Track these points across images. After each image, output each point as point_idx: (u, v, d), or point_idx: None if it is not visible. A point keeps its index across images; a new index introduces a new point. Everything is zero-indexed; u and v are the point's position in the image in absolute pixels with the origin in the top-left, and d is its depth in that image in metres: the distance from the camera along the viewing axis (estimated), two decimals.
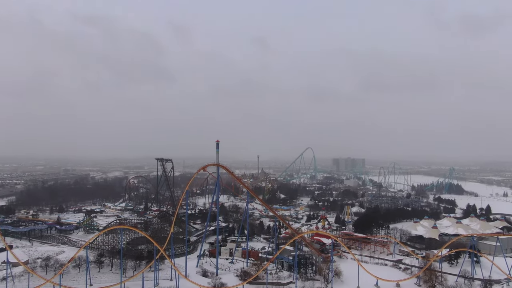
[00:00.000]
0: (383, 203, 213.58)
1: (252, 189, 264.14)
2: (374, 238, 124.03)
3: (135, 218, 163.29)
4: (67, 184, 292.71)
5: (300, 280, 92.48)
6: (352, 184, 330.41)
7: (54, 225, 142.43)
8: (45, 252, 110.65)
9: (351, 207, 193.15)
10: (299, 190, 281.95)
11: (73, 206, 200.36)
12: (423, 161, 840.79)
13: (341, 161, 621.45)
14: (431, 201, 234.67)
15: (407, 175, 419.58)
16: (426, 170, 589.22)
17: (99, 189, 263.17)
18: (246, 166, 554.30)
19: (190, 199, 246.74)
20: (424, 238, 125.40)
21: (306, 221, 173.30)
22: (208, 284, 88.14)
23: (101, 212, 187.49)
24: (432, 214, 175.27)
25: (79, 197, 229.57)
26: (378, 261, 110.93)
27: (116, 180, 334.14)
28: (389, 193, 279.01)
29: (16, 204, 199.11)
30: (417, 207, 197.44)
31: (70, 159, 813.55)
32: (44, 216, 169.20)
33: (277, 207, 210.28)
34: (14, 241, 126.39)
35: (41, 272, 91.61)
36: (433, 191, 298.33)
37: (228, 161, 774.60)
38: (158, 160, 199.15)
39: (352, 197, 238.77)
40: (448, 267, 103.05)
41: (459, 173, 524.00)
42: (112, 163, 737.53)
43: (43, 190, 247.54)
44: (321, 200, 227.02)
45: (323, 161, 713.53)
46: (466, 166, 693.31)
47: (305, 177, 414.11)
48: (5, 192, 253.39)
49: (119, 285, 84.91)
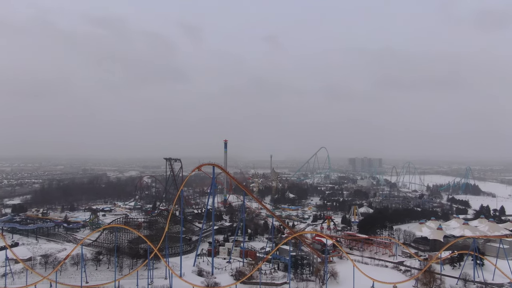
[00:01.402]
0: (394, 204, 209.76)
1: (261, 189, 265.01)
2: (376, 239, 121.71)
3: (142, 217, 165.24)
4: (81, 183, 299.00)
5: (295, 281, 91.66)
6: (365, 184, 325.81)
7: (62, 223, 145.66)
8: (49, 250, 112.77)
9: (360, 207, 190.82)
10: (310, 190, 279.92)
11: (84, 205, 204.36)
12: (443, 160, 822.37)
13: (357, 161, 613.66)
14: (444, 201, 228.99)
15: (424, 175, 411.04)
16: (445, 170, 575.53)
17: (112, 188, 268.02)
18: (262, 166, 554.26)
19: (201, 198, 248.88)
20: (429, 240, 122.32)
21: (312, 221, 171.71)
22: (201, 283, 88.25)
23: (110, 211, 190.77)
24: (443, 215, 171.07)
25: (91, 196, 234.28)
26: (379, 263, 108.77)
27: (130, 179, 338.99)
28: (402, 193, 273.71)
29: (30, 202, 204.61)
30: (428, 207, 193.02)
31: (90, 159, 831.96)
32: (55, 214, 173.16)
33: (285, 207, 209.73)
34: (21, 239, 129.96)
35: (40, 269, 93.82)
36: (448, 191, 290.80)
37: (244, 161, 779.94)
38: (166, 160, 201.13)
39: (363, 197, 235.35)
40: (450, 270, 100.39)
41: (479, 173, 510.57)
42: (131, 162, 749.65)
43: (57, 189, 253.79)
44: (330, 200, 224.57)
45: (339, 160, 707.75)
46: (488, 165, 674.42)
47: (319, 177, 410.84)
48: (23, 191, 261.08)
49: (113, 283, 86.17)
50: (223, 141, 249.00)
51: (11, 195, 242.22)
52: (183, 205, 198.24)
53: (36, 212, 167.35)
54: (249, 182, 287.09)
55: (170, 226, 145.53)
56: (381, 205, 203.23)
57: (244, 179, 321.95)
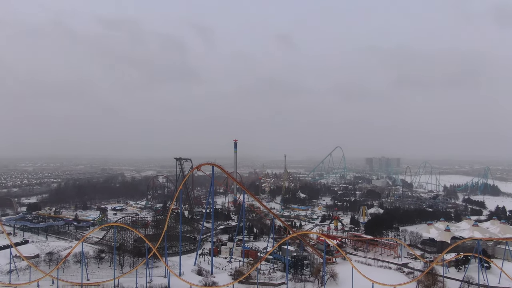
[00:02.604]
0: (406, 204, 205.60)
1: (273, 189, 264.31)
2: (381, 240, 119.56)
3: (150, 216, 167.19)
4: (97, 183, 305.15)
5: (293, 281, 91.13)
6: (380, 184, 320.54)
7: (72, 221, 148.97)
8: (56, 247, 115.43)
9: (370, 207, 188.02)
10: (323, 190, 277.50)
11: (98, 204, 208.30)
12: (465, 160, 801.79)
13: (374, 161, 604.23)
14: (459, 202, 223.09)
15: (443, 175, 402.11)
16: (466, 170, 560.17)
17: (126, 188, 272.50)
18: (278, 166, 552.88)
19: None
20: (436, 242, 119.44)
21: (321, 222, 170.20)
22: (199, 282, 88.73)
23: (122, 210, 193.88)
24: (455, 216, 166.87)
25: (105, 195, 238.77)
26: (382, 264, 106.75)
27: (145, 179, 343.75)
28: (417, 193, 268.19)
29: (46, 201, 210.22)
30: (441, 208, 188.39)
31: (110, 159, 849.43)
32: (67, 213, 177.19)
33: (294, 207, 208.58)
34: (32, 236, 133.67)
35: (44, 266, 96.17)
36: (466, 191, 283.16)
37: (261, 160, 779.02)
38: (176, 160, 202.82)
39: (375, 198, 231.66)
40: (456, 272, 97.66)
41: (502, 173, 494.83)
42: (149, 162, 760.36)
43: (73, 188, 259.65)
44: (342, 201, 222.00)
45: (356, 160, 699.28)
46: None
47: (334, 177, 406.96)
48: (40, 190, 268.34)
49: (112, 280, 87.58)
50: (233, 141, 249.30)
51: (28, 194, 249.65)
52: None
53: (49, 211, 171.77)
54: (261, 182, 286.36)
55: (177, 225, 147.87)
56: (393, 206, 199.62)
57: (256, 179, 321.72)
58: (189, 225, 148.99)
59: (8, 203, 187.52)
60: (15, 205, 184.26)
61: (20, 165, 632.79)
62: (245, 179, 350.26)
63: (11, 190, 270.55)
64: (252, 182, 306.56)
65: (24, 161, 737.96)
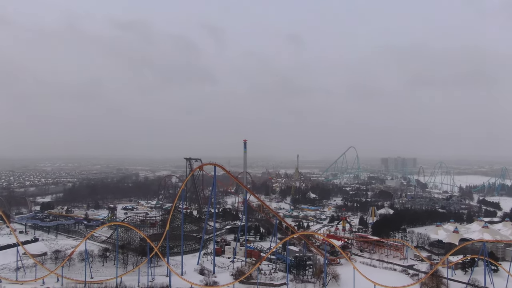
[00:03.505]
0: (419, 205, 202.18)
1: (283, 189, 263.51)
2: (387, 241, 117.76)
3: (159, 215, 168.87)
4: (111, 183, 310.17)
5: (294, 282, 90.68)
6: (394, 185, 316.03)
7: (82, 220, 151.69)
8: (64, 246, 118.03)
9: (380, 208, 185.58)
10: (335, 190, 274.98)
11: (110, 203, 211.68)
12: (485, 160, 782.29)
13: (390, 161, 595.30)
14: (474, 203, 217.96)
15: (460, 175, 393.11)
16: (485, 170, 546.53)
17: (139, 188, 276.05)
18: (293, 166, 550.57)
19: (223, 198, 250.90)
20: (444, 243, 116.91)
21: (329, 222, 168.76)
22: (200, 282, 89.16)
23: (132, 209, 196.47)
24: (468, 217, 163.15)
25: (117, 194, 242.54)
26: (387, 266, 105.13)
27: (158, 179, 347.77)
28: (431, 194, 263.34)
29: (60, 200, 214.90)
30: (453, 209, 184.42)
31: (127, 159, 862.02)
32: (79, 212, 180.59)
33: (304, 207, 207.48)
34: (43, 235, 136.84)
35: (50, 264, 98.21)
36: (482, 192, 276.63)
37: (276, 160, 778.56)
38: (186, 160, 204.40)
39: (387, 198, 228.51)
40: (462, 275, 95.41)
41: None
42: (165, 162, 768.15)
43: (87, 188, 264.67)
44: (353, 201, 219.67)
45: (371, 160, 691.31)
46: None
47: (348, 177, 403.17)
48: (56, 189, 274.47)
49: (115, 279, 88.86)
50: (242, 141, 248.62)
51: (44, 193, 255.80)
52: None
53: (61, 210, 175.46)
54: (272, 182, 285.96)
55: (185, 225, 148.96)
56: (404, 207, 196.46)
57: (269, 179, 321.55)
58: (196, 224, 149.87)
59: (23, 202, 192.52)
60: (30, 204, 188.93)
61: (40, 165, 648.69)
62: (258, 179, 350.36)
63: (28, 189, 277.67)
64: (264, 182, 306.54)
65: (43, 161, 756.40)
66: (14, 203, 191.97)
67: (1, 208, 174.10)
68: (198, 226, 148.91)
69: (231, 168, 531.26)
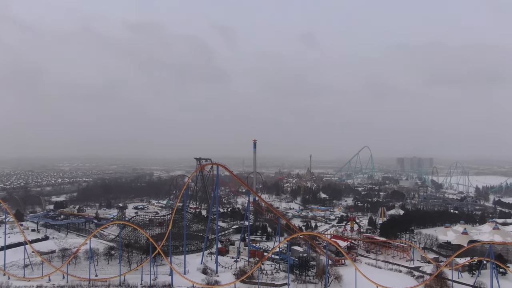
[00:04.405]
0: (431, 206, 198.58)
1: (294, 189, 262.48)
2: (393, 242, 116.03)
3: (169, 214, 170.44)
4: (124, 182, 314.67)
5: (296, 282, 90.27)
6: (408, 185, 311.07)
7: (92, 219, 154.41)
8: (73, 244, 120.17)
9: (391, 209, 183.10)
10: (347, 190, 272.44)
11: (122, 203, 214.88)
12: (505, 160, 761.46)
13: (406, 161, 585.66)
14: (489, 204, 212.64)
15: (479, 176, 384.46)
16: (505, 171, 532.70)
17: (151, 187, 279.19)
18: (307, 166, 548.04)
19: (234, 198, 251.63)
20: (453, 245, 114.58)
21: (338, 223, 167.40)
22: (201, 281, 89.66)
23: (143, 208, 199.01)
24: (481, 218, 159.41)
25: (131, 194, 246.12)
26: (393, 267, 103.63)
27: (171, 179, 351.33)
28: (445, 194, 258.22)
29: (73, 200, 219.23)
30: (466, 210, 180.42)
31: (143, 159, 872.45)
32: (91, 211, 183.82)
33: (314, 207, 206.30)
34: (53, 233, 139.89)
35: (57, 261, 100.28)
36: (500, 193, 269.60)
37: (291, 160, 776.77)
38: (197, 160, 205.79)
39: (399, 199, 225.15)
40: (469, 278, 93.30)
41: None
42: (180, 162, 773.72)
43: (100, 187, 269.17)
44: (364, 201, 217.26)
45: (387, 160, 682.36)
46: None
47: (362, 177, 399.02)
48: (71, 189, 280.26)
49: (119, 277, 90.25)
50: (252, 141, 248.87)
51: (59, 192, 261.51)
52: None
53: (73, 209, 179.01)
54: (283, 182, 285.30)
55: (192, 224, 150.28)
56: (416, 207, 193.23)
57: (278, 180, 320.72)
58: (204, 224, 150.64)
59: (38, 201, 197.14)
60: (44, 203, 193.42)
61: (58, 165, 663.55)
62: (271, 179, 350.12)
63: (44, 188, 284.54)
64: (276, 182, 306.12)
65: (62, 161, 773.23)
66: (29, 202, 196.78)
67: (16, 207, 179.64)
68: (206, 225, 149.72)
69: (245, 168, 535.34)
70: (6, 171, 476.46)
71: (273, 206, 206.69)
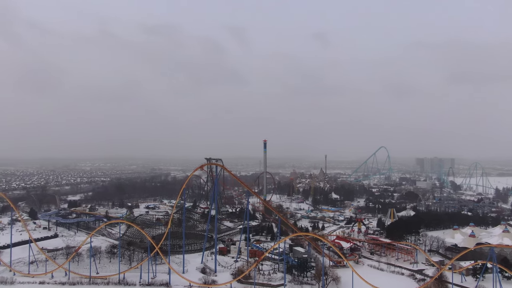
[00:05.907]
0: (446, 207, 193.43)
1: (306, 189, 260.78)
2: (397, 244, 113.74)
3: (179, 214, 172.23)
4: (139, 182, 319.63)
5: (293, 283, 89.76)
6: (425, 186, 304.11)
7: (102, 218, 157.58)
8: (80, 242, 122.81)
9: (402, 210, 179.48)
10: (360, 191, 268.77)
11: (134, 202, 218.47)
12: None
13: (426, 161, 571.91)
14: (507, 206, 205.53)
15: (502, 177, 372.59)
16: None
17: (165, 187, 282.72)
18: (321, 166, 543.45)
19: (245, 198, 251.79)
20: (460, 248, 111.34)
21: (346, 224, 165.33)
22: (199, 280, 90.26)
23: (154, 208, 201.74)
24: (494, 220, 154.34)
25: (144, 193, 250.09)
26: (395, 270, 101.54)
27: (185, 178, 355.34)
28: (462, 196, 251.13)
29: (88, 199, 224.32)
30: (482, 212, 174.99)
31: (162, 159, 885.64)
32: (103, 210, 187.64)
33: (324, 208, 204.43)
34: (63, 231, 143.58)
35: (61, 259, 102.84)
36: None
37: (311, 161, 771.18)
38: (207, 160, 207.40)
39: (413, 200, 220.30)
40: (473, 281, 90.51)
41: None
42: (198, 162, 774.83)
43: (116, 187, 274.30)
44: (376, 202, 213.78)
45: (406, 161, 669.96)
46: None
47: (379, 178, 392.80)
48: (87, 188, 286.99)
49: (118, 275, 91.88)
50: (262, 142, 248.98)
51: (76, 191, 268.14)
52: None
53: (85, 208, 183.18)
54: (296, 182, 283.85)
55: (197, 224, 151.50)
56: (429, 209, 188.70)
57: (295, 179, 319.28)
58: (211, 224, 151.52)
59: (53, 200, 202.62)
60: (58, 202, 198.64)
61: (80, 165, 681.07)
62: (286, 179, 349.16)
63: (63, 188, 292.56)
64: (289, 182, 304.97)
65: (84, 161, 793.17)
66: (45, 201, 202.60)
67: (32, 205, 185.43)
68: (213, 225, 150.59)
69: (262, 168, 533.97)
70: (29, 171, 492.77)
71: (283, 206, 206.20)
